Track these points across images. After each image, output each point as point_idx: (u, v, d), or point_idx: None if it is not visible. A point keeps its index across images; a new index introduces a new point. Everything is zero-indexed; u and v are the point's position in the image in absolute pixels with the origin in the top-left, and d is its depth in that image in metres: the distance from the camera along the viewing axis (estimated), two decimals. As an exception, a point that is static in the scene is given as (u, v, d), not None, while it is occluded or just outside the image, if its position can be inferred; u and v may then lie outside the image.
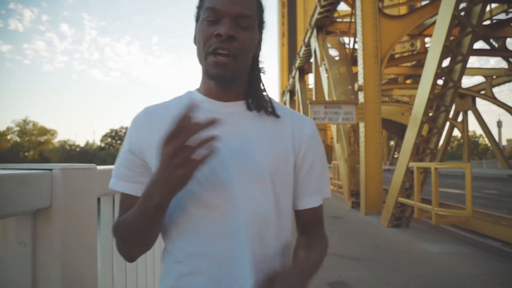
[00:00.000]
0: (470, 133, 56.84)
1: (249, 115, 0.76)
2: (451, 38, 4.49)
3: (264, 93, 0.80)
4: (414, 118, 4.97)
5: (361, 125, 7.49)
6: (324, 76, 11.65)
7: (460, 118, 27.39)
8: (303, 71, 19.36)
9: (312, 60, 14.77)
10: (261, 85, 0.80)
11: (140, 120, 0.76)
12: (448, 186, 15.66)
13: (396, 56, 16.21)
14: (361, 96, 7.55)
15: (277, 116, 0.77)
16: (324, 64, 11.52)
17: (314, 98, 14.43)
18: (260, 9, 0.76)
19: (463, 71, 4.42)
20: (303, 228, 0.82)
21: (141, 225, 0.64)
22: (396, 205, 5.72)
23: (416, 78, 21.88)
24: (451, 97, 4.58)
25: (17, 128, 59.41)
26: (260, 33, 0.78)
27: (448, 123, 29.06)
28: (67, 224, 0.75)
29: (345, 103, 7.51)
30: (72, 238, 0.76)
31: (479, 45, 17.06)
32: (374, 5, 7.58)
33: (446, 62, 4.85)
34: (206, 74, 0.73)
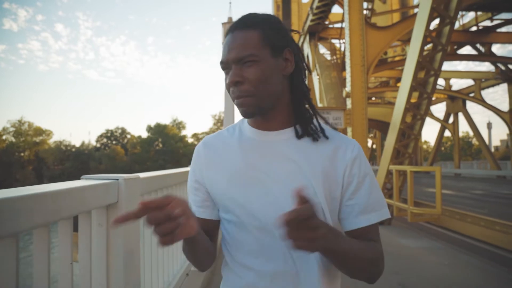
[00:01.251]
0: (463, 134, 57.79)
1: (296, 142, 0.81)
2: (425, 52, 4.99)
3: (318, 118, 0.85)
4: (393, 125, 5.47)
5: (349, 130, 7.97)
6: (316, 81, 12.11)
7: (451, 120, 28.11)
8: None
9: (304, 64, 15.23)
10: (306, 108, 0.84)
11: (199, 151, 0.88)
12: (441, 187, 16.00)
13: (389, 60, 16.76)
14: (348, 102, 8.03)
15: (326, 138, 0.82)
16: (316, 70, 11.99)
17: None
18: (266, 35, 0.77)
19: (436, 83, 4.92)
20: None
21: (186, 252, 0.82)
22: (379, 205, 6.19)
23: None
24: (425, 106, 5.08)
25: (12, 129, 58.83)
26: (281, 53, 0.79)
27: (439, 125, 29.70)
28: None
29: (333, 109, 8.00)
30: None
31: (467, 50, 17.68)
32: (361, 16, 8.07)
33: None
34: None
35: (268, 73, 0.76)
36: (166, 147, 57.53)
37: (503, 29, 14.79)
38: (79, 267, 1.07)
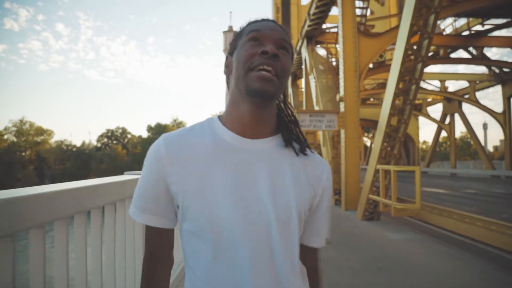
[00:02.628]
0: (462, 134, 58.12)
1: (282, 152, 0.77)
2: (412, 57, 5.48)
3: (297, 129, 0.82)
4: (379, 128, 5.98)
5: (342, 132, 8.49)
6: (313, 83, 12.61)
7: (448, 121, 28.60)
8: (296, 76, 20.27)
9: (303, 67, 15.76)
10: (293, 120, 0.82)
11: (161, 151, 0.74)
12: (435, 186, 16.42)
13: (386, 62, 17.24)
14: (342, 106, 8.54)
15: (305, 155, 0.79)
16: (313, 73, 12.48)
17: (304, 103, 15.45)
18: (291, 46, 0.78)
19: (417, 90, 5.44)
20: (305, 262, 0.84)
21: None
22: (368, 201, 6.72)
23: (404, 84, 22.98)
24: (408, 111, 5.59)
25: (14, 128, 58.98)
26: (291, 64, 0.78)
27: (432, 126, 30.04)
28: None
29: (328, 112, 8.51)
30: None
31: (459, 54, 18.13)
32: (353, 25, 8.58)
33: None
34: (246, 90, 0.71)
35: (290, 69, 0.75)
36: (167, 147, 58.06)
37: (495, 33, 15.26)
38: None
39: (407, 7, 4.95)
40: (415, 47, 5.26)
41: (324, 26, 13.57)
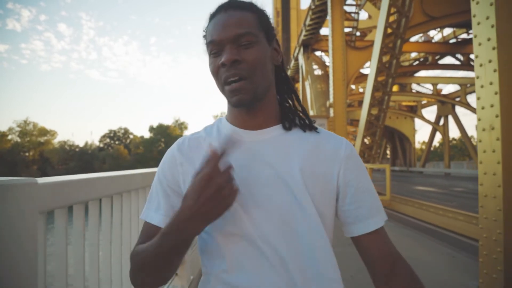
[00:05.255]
0: (461, 135, 59.05)
1: (287, 137, 0.75)
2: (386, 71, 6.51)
3: (299, 111, 0.80)
4: (359, 132, 7.00)
5: (332, 134, 9.49)
6: (308, 89, 13.63)
7: (441, 122, 29.57)
8: (294, 81, 21.28)
9: (300, 72, 16.78)
10: (294, 100, 0.80)
11: (174, 154, 0.77)
12: (427, 185, 17.20)
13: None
14: (331, 111, 9.56)
15: (317, 132, 0.77)
16: (308, 79, 13.51)
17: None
18: (262, 19, 0.73)
19: (389, 101, 6.46)
20: (376, 267, 0.75)
21: (166, 258, 0.65)
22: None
23: (401, 86, 24.09)
24: (382, 118, 6.60)
25: (18, 129, 59.57)
26: (272, 41, 0.75)
27: (430, 127, 31.08)
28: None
29: (318, 117, 9.53)
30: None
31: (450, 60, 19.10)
32: (342, 38, 9.59)
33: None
34: (230, 104, 0.73)
35: (264, 57, 0.71)
36: (169, 147, 58.70)
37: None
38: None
39: (378, 32, 5.98)
40: (387, 65, 6.30)
41: (323, 29, 14.49)
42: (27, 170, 53.69)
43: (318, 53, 15.70)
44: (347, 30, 12.59)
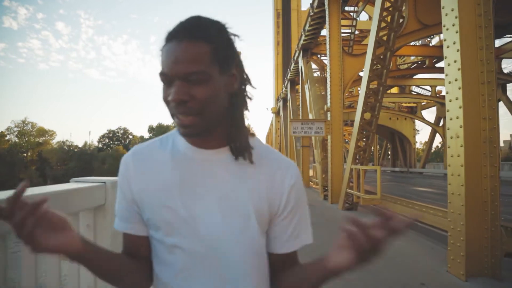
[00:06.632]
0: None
1: (231, 163, 0.77)
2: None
3: (249, 136, 0.80)
4: (353, 136, 7.56)
5: (329, 137, 10.06)
6: (307, 92, 14.16)
7: (441, 123, 29.99)
8: (294, 83, 21.71)
9: (300, 75, 17.31)
10: (243, 128, 0.78)
11: (128, 162, 0.80)
12: (425, 186, 17.57)
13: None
14: (329, 115, 10.11)
15: (262, 160, 0.79)
16: (308, 83, 14.03)
17: (301, 110, 17.07)
18: (217, 50, 0.70)
19: (380, 108, 7.02)
20: (276, 269, 0.83)
21: (95, 273, 0.75)
22: (346, 194, 8.31)
23: (400, 88, 24.63)
24: (374, 123, 7.16)
25: (16, 129, 57.65)
26: (229, 70, 0.73)
27: (430, 128, 31.48)
28: (113, 214, 1.10)
29: (317, 121, 10.08)
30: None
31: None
32: (339, 46, 10.13)
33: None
34: (179, 132, 0.74)
35: (216, 92, 0.70)
36: (168, 147, 58.68)
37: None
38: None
39: (370, 46, 6.54)
40: (378, 74, 6.86)
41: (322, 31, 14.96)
42: (25, 171, 52.76)
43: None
44: (345, 34, 13.15)
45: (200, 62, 0.68)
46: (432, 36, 17.08)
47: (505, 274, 3.55)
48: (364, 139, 7.58)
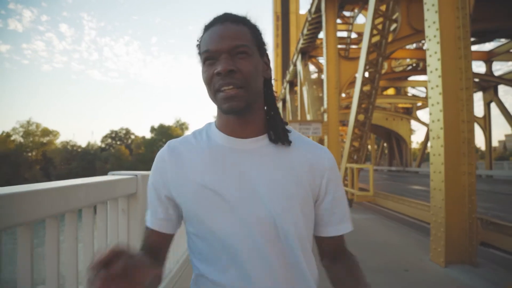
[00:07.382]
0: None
1: (271, 149, 0.78)
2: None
3: (285, 124, 0.82)
4: (348, 136, 7.94)
5: (326, 138, 10.44)
6: (305, 94, 14.52)
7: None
8: (293, 84, 22.06)
9: (298, 77, 17.68)
10: (279, 113, 0.82)
11: (164, 158, 0.81)
12: (420, 184, 17.91)
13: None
14: (325, 116, 10.49)
15: (300, 143, 0.81)
16: (306, 85, 14.41)
17: (299, 112, 17.45)
18: (255, 34, 0.77)
19: (373, 110, 7.40)
20: (327, 254, 0.87)
21: None
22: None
23: (396, 89, 25.02)
24: (368, 124, 7.53)
25: (21, 129, 59.85)
26: (263, 56, 0.79)
27: (426, 129, 31.91)
28: (144, 201, 1.52)
29: (314, 122, 10.46)
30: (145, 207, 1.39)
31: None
32: (335, 50, 10.51)
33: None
34: (221, 110, 0.75)
35: (257, 70, 0.74)
36: (169, 147, 59.06)
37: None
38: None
39: (362, 51, 6.92)
40: (371, 78, 7.24)
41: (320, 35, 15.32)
42: (30, 171, 53.76)
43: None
44: (342, 36, 13.52)
45: (244, 39, 0.74)
46: (424, 40, 17.47)
47: (480, 261, 3.94)
48: (359, 139, 7.96)
